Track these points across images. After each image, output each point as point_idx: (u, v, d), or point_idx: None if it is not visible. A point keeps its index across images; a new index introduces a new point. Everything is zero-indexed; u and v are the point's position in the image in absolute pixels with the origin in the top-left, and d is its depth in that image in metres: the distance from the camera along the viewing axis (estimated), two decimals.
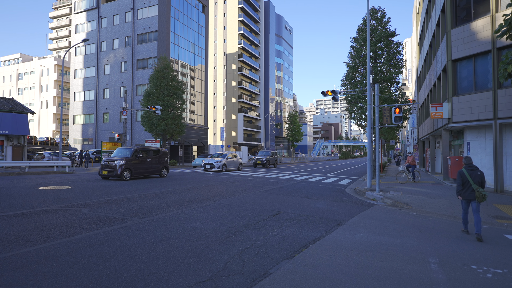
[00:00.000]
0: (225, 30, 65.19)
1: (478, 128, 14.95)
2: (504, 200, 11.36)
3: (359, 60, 21.69)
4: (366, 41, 13.44)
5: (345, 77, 22.63)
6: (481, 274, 4.36)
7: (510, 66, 8.67)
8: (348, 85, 22.24)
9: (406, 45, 70.51)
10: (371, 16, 21.92)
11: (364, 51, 21.44)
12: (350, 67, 22.31)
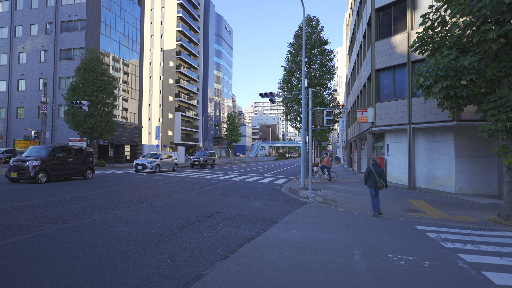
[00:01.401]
0: (162, 26, 62.66)
1: (396, 131, 16.72)
2: (416, 195, 12.87)
3: (295, 65, 22.67)
4: (302, 47, 14.10)
5: (282, 81, 23.45)
6: (396, 262, 4.85)
7: (421, 77, 9.83)
8: (284, 88, 23.10)
9: (338, 54, 75.94)
10: (307, 23, 23.09)
11: (300, 57, 22.47)
12: (287, 71, 23.19)
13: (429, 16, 10.43)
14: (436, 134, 14.88)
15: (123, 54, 39.87)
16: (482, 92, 9.69)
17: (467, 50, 9.64)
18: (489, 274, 4.49)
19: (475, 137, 13.90)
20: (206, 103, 69.03)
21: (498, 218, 8.81)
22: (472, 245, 6.07)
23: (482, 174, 14.01)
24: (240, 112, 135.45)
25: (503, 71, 8.75)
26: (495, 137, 8.88)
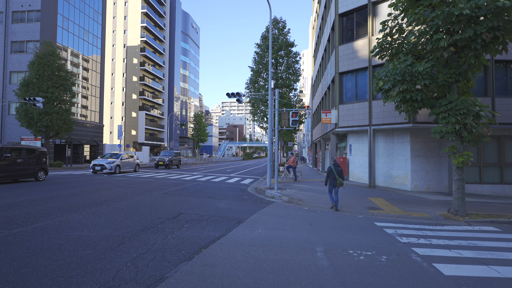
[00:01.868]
0: (126, 21, 60.32)
1: (358, 132, 17.43)
2: (376, 193, 13.51)
3: (262, 66, 22.87)
4: (269, 48, 14.27)
5: (249, 81, 23.55)
6: (356, 257, 5.06)
7: (381, 81, 10.35)
8: (252, 88, 23.21)
9: (304, 56, 77.65)
10: (274, 25, 23.39)
11: (267, 58, 22.70)
12: (254, 72, 23.33)
13: (388, 24, 10.99)
14: (394, 135, 15.72)
15: (82, 48, 37.87)
16: (434, 97, 10.39)
17: (421, 57, 10.28)
18: (439, 265, 4.82)
19: (428, 138, 14.86)
20: (172, 102, 67.49)
21: (448, 213, 9.49)
22: (425, 239, 6.49)
23: (435, 173, 15.01)
24: (207, 111, 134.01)
25: (453, 77, 9.45)
26: (446, 138, 9.56)
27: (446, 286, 4.07)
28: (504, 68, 14.73)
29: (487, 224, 8.50)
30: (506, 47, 9.06)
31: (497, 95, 14.47)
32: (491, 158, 15.02)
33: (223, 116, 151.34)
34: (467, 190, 14.52)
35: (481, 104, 9.28)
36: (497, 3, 7.80)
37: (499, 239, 6.78)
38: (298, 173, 19.28)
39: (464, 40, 8.58)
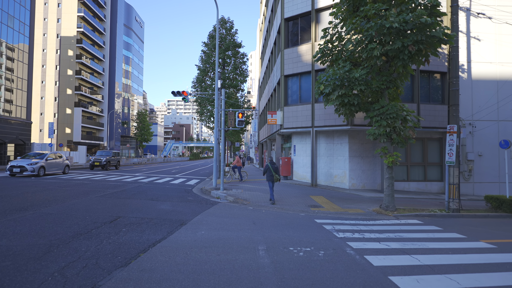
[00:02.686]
0: (59, 8, 55.19)
1: (301, 134, 18.13)
2: (317, 192, 14.17)
3: (209, 65, 22.63)
4: (216, 48, 14.15)
5: (195, 80, 23.12)
6: (296, 254, 5.25)
7: (322, 85, 10.90)
8: (198, 88, 22.83)
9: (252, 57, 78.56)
10: (221, 25, 23.28)
11: (214, 57, 22.50)
12: (201, 71, 22.97)
13: (329, 31, 11.62)
14: (334, 137, 16.66)
15: (6, 36, 33.76)
16: (369, 101, 11.25)
17: (358, 64, 11.06)
18: (370, 257, 5.22)
19: (364, 140, 16.02)
20: (112, 99, 63.44)
21: (380, 209, 10.33)
22: (359, 233, 6.98)
23: (370, 172, 16.24)
24: (151, 110, 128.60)
25: (385, 84, 10.32)
26: (379, 140, 10.41)
27: (375, 276, 4.41)
28: (427, 78, 16.50)
29: (412, 218, 9.43)
30: (428, 59, 10.16)
31: (422, 102, 16.15)
32: (417, 158, 16.71)
33: (169, 115, 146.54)
34: (397, 187, 15.96)
35: (407, 109, 10.27)
36: (420, 19, 8.70)
37: (421, 231, 7.57)
38: (244, 173, 19.44)
39: (394, 50, 9.42)
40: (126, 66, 70.12)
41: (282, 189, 14.78)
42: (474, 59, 16.65)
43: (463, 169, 16.36)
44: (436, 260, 5.20)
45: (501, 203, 10.73)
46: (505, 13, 16.34)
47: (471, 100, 16.59)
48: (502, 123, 16.70)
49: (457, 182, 10.42)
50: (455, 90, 10.76)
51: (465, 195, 15.45)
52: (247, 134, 72.51)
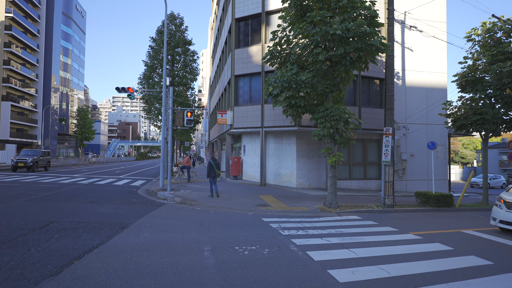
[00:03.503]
0: None
1: (251, 134, 18.32)
2: (266, 191, 14.43)
3: (158, 61, 21.81)
4: (164, 44, 13.68)
5: (142, 76, 22.13)
6: (241, 253, 5.29)
7: (271, 87, 11.14)
8: (145, 84, 21.88)
9: (203, 56, 77.45)
10: (170, 21, 22.59)
11: (162, 53, 21.74)
12: (148, 67, 22.04)
13: (278, 34, 11.92)
14: (283, 137, 17.12)
15: None
16: (315, 103, 11.75)
17: (305, 67, 11.49)
18: (312, 253, 5.45)
19: (311, 140, 16.69)
20: (48, 93, 57.99)
21: (324, 206, 10.84)
22: (303, 230, 7.25)
23: (315, 171, 16.97)
24: (94, 106, 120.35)
25: (329, 87, 10.86)
26: (323, 140, 10.92)
27: (315, 270, 4.61)
28: (368, 83, 17.71)
29: (352, 214, 10.05)
30: (368, 66, 10.92)
31: (363, 105, 17.29)
32: (358, 158, 17.86)
33: (115, 112, 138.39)
34: (340, 185, 16.89)
35: (349, 112, 10.92)
36: (361, 28, 9.31)
37: (359, 226, 8.10)
38: (193, 173, 19.09)
39: (337, 56, 9.95)
40: (65, 58, 64.66)
41: (231, 188, 14.79)
42: (407, 67, 18.28)
43: (397, 168, 17.86)
44: (370, 253, 5.60)
45: (428, 198, 11.92)
46: (433, 28, 18.19)
47: (405, 105, 18.19)
48: (430, 126, 18.57)
49: (391, 180, 11.34)
50: (390, 96, 11.70)
51: (399, 192, 16.89)
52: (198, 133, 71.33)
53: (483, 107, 13.09)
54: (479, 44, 13.88)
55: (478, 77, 13.48)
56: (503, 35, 13.19)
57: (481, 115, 12.97)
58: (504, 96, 12.62)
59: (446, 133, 18.89)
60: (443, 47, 18.79)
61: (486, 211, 11.61)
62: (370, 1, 10.44)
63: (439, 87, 18.74)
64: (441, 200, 11.73)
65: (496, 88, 12.65)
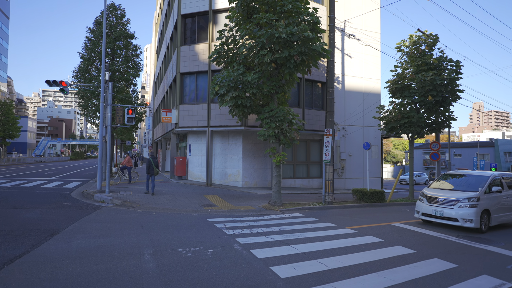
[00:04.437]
0: None
1: (197, 133, 18.00)
2: (212, 191, 14.29)
3: (96, 54, 20.29)
4: (103, 36, 12.77)
5: (78, 69, 20.42)
6: (184, 255, 5.17)
7: (217, 86, 11.06)
8: (81, 78, 20.21)
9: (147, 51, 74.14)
10: (111, 12, 21.19)
11: (101, 46, 20.29)
12: (85, 59, 20.39)
13: (225, 33, 11.88)
14: (229, 137, 17.12)
15: None
16: (261, 104, 11.95)
17: (251, 68, 11.62)
18: (255, 251, 5.54)
19: (257, 140, 16.94)
20: None
21: (268, 205, 11.08)
22: (248, 229, 7.33)
23: (261, 170, 17.28)
24: (20, 100, 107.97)
25: (274, 89, 11.12)
26: (268, 140, 11.15)
27: (258, 268, 4.70)
28: (311, 86, 18.53)
29: (295, 211, 10.43)
30: (310, 69, 11.42)
31: (306, 107, 18.04)
32: (301, 158, 18.59)
33: (45, 107, 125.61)
34: (285, 184, 17.42)
35: (293, 113, 11.30)
36: (304, 33, 9.71)
37: (301, 223, 8.43)
38: (135, 174, 18.16)
39: (282, 59, 10.25)
40: None
41: (176, 189, 14.37)
42: (347, 73, 19.53)
43: (337, 166, 18.99)
44: (311, 248, 5.87)
45: (363, 195, 12.86)
46: (369, 37, 19.69)
47: (344, 108, 19.41)
48: (366, 128, 20.07)
49: (331, 178, 12.02)
50: (331, 99, 12.39)
51: (338, 189, 17.97)
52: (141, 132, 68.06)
53: (410, 112, 14.51)
54: (407, 54, 15.37)
55: (406, 84, 14.92)
56: (427, 48, 14.79)
57: (408, 119, 14.36)
58: (427, 102, 14.13)
59: (379, 135, 20.58)
60: (377, 56, 20.45)
61: (412, 205, 12.90)
62: (313, 8, 10.93)
63: (374, 92, 20.36)
64: (374, 196, 12.75)
65: (420, 94, 14.12)
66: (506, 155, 45.81)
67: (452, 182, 9.36)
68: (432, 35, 14.82)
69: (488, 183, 8.55)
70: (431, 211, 8.55)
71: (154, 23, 43.28)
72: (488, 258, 5.82)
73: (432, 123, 14.83)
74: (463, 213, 7.93)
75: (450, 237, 7.40)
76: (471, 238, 7.37)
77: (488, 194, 8.38)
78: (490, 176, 8.82)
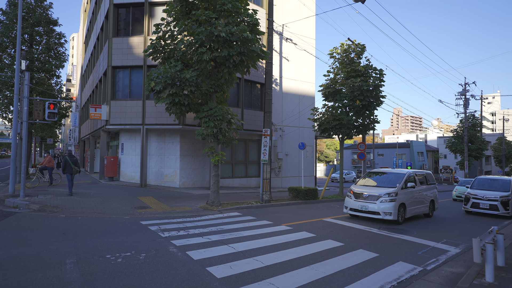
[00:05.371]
0: None
1: (131, 131, 16.96)
2: (146, 192, 13.59)
3: (9, 40, 17.81)
4: (18, 19, 11.25)
5: None
6: (113, 261, 4.81)
7: (153, 82, 10.54)
8: None
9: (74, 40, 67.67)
10: None
11: (16, 30, 17.88)
12: None
13: (162, 28, 11.38)
14: (166, 136, 16.47)
15: None
16: (199, 103, 11.72)
17: (190, 65, 11.32)
18: (191, 252, 5.40)
19: (195, 139, 16.59)
20: None
21: (206, 205, 10.92)
22: (184, 231, 7.12)
23: (200, 170, 16.97)
24: None
25: (213, 88, 11.00)
26: (207, 140, 10.99)
27: (194, 270, 4.58)
28: (250, 87, 18.78)
29: (233, 211, 10.46)
30: (249, 70, 11.57)
31: (245, 107, 18.22)
32: (240, 157, 18.74)
33: None
34: (223, 184, 17.36)
35: (232, 113, 11.31)
36: (243, 34, 9.78)
37: (239, 222, 8.49)
38: (57, 175, 16.40)
39: (222, 58, 10.18)
40: None
41: (105, 191, 13.35)
42: (284, 75, 20.24)
43: (274, 166, 19.56)
44: (248, 246, 5.93)
45: (298, 193, 13.46)
46: (305, 42, 20.68)
47: (281, 109, 20.08)
48: (301, 129, 21.05)
49: (269, 177, 12.33)
50: (269, 99, 12.70)
51: (275, 188, 18.53)
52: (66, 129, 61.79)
53: (341, 114, 15.60)
54: (339, 61, 16.50)
55: (338, 89, 16.00)
56: (355, 56, 16.05)
57: (339, 121, 15.42)
58: (355, 106, 15.34)
59: (313, 136, 21.76)
60: (313, 60, 21.60)
61: (342, 201, 13.89)
62: (253, 9, 11.08)
63: (309, 95, 21.45)
64: (309, 194, 13.43)
65: (349, 99, 15.27)
66: (419, 154, 52.14)
67: (376, 179, 10.31)
68: (360, 45, 16.14)
69: (404, 179, 9.61)
70: (357, 206, 9.30)
71: (83, 10, 39.65)
72: (404, 247, 6.53)
73: (360, 125, 16.14)
74: (384, 207, 8.79)
75: (373, 229, 8.13)
76: (390, 229, 8.20)
77: (404, 190, 9.42)
78: (406, 174, 9.92)
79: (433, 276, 4.82)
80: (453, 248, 6.61)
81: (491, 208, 11.54)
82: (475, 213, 12.21)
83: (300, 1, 20.78)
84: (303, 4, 20.94)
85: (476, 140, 35.79)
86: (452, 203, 16.71)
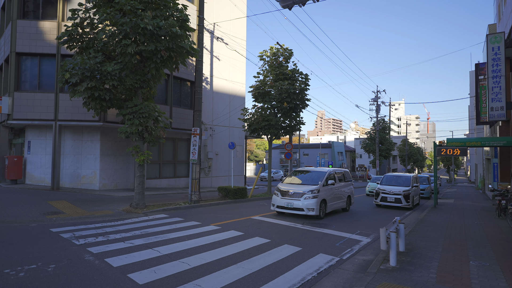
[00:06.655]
0: None
1: (40, 127, 14.99)
2: (59, 196, 12.17)
3: None
4: None
5: None
6: (14, 276, 4.17)
7: (68, 73, 9.47)
8: None
9: None
10: None
11: None
12: None
13: (79, 14, 10.31)
14: (84, 133, 14.98)
15: None
16: (123, 98, 10.92)
17: (112, 58, 10.48)
18: (111, 259, 4.99)
19: (118, 137, 15.42)
20: None
21: (130, 207, 10.24)
22: (103, 236, 6.56)
23: (123, 170, 15.84)
24: None
25: (139, 83, 10.37)
26: (131, 138, 10.31)
27: (113, 278, 4.24)
28: (180, 84, 18.20)
29: (160, 213, 10.00)
30: (178, 67, 11.19)
31: (174, 105, 17.59)
32: (168, 157, 18.03)
33: None
34: (150, 185, 16.50)
35: (160, 110, 10.82)
36: (172, 29, 9.43)
37: (166, 224, 8.15)
38: None
39: (148, 52, 9.65)
40: None
41: (7, 196, 11.57)
42: (215, 74, 20.12)
43: (204, 165, 19.31)
44: (174, 248, 5.73)
45: (228, 192, 13.51)
46: (236, 43, 20.87)
47: (212, 108, 19.92)
48: (231, 129, 21.18)
49: (198, 177, 12.11)
50: (199, 98, 12.48)
51: (205, 188, 18.29)
52: None
53: (270, 115, 16.13)
54: (268, 64, 17.04)
55: (267, 90, 16.51)
56: (284, 60, 16.76)
57: (268, 122, 15.92)
58: (283, 107, 16.02)
59: (243, 135, 22.08)
60: (243, 61, 21.92)
61: (269, 199, 14.35)
62: (183, 4, 10.76)
63: (239, 95, 21.70)
64: (238, 193, 13.57)
65: (278, 100, 15.87)
66: (339, 154, 56.90)
67: (301, 177, 10.91)
68: (288, 49, 16.92)
69: (326, 177, 10.36)
70: (284, 204, 9.72)
71: None
72: (324, 239, 7.04)
73: (287, 126, 16.90)
74: (307, 204, 9.35)
75: (298, 225, 8.58)
76: (312, 224, 8.76)
77: (325, 187, 10.15)
78: (327, 172, 10.71)
79: (348, 265, 5.28)
80: (365, 238, 7.36)
81: (396, 201, 13.18)
82: (384, 206, 13.80)
83: (231, 2, 20.89)
84: (234, 5, 21.09)
85: (386, 142, 40.48)
86: (366, 198, 18.61)
